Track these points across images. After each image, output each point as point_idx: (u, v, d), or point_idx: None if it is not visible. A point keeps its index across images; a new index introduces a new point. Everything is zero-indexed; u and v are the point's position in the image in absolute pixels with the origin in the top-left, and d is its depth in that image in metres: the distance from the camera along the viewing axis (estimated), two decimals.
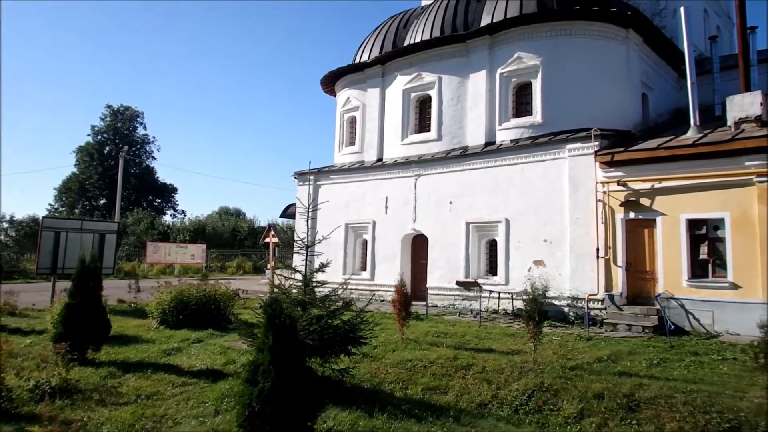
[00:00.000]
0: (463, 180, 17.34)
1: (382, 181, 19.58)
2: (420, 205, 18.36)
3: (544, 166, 15.68)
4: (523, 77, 17.39)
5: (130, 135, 59.16)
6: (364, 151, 21.15)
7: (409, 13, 22.25)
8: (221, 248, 43.71)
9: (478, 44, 18.20)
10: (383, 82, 20.97)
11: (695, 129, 14.48)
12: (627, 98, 17.22)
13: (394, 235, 18.97)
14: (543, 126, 16.61)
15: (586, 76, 16.72)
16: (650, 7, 21.73)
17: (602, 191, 14.47)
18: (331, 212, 20.20)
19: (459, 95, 18.52)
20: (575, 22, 16.98)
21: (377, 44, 21.56)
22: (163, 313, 13.54)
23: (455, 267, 17.16)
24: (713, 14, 25.37)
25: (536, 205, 15.63)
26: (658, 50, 19.29)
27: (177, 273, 31.49)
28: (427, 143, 18.98)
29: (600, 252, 14.23)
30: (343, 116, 22.50)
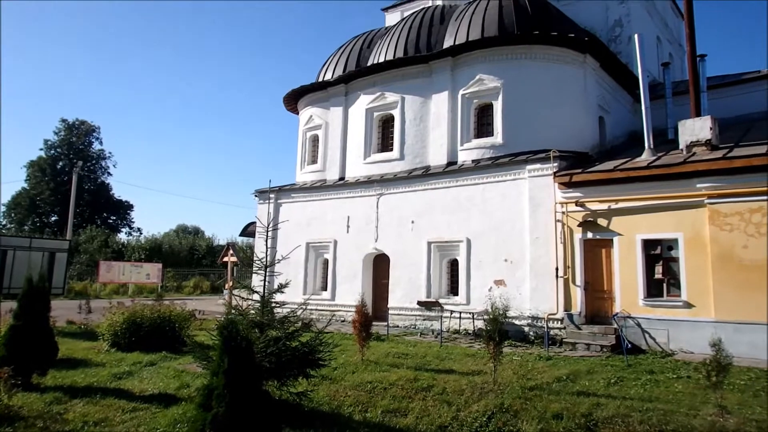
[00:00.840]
0: (425, 199, 17.39)
1: (344, 200, 19.47)
2: (382, 224, 18.30)
3: (504, 186, 15.86)
4: (485, 98, 17.65)
5: (85, 150, 57.49)
6: (326, 170, 21.03)
7: (373, 34, 22.41)
8: (178, 267, 42.63)
9: (440, 65, 18.42)
10: (346, 101, 20.97)
11: (649, 152, 14.91)
12: (585, 121, 17.65)
13: (356, 254, 18.82)
14: (504, 147, 16.85)
15: (546, 98, 17.09)
16: (606, 34, 22.52)
17: (561, 211, 14.70)
18: (292, 231, 19.93)
19: (422, 115, 18.65)
20: (534, 46, 17.38)
21: (341, 63, 21.60)
22: (114, 335, 13.00)
23: (417, 287, 17.10)
24: (666, 42, 26.46)
25: (497, 224, 15.76)
26: (614, 75, 19.91)
27: (131, 293, 30.52)
28: (389, 162, 19.00)
29: (559, 271, 14.40)
30: (305, 134, 22.37)
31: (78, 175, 35.69)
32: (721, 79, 20.05)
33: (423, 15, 20.53)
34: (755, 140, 14.08)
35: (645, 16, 24.16)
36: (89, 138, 58.38)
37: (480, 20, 18.22)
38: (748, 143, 13.85)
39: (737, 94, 19.31)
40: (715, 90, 18.97)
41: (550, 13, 18.85)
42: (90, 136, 58.40)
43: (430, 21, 20.02)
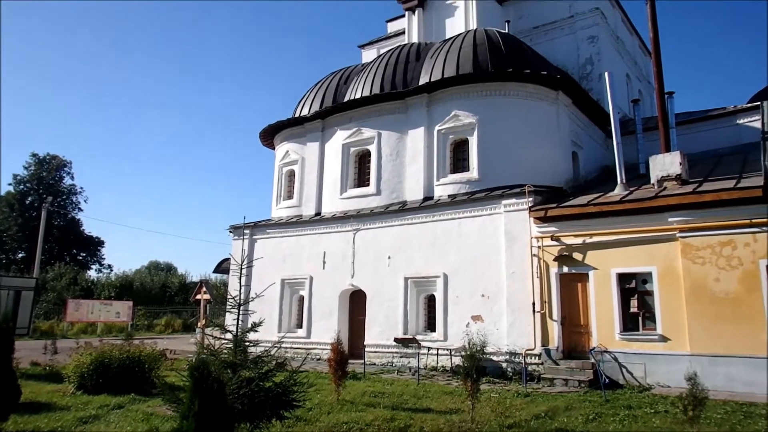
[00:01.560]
0: (402, 235, 17.35)
1: (320, 236, 19.32)
2: (358, 260, 18.15)
3: (480, 221, 15.92)
4: (460, 134, 17.85)
5: (56, 185, 56.45)
6: (302, 205, 20.90)
7: (350, 70, 22.66)
8: (149, 305, 41.61)
9: (416, 102, 18.64)
10: (323, 137, 21.03)
11: (622, 186, 15.16)
12: (558, 156, 17.93)
13: (332, 290, 18.58)
14: (479, 182, 16.98)
15: (520, 134, 17.36)
16: (578, 71, 23.15)
17: (537, 246, 14.76)
18: (268, 267, 19.66)
19: (398, 150, 18.75)
20: (508, 83, 17.74)
21: (318, 99, 21.72)
22: (81, 376, 12.47)
23: (393, 323, 16.89)
24: (635, 79, 27.32)
25: (473, 259, 15.75)
26: (586, 111, 20.38)
27: (99, 332, 29.59)
28: (366, 197, 18.98)
29: (536, 306, 14.37)
30: (281, 170, 22.30)
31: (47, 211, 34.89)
32: (689, 116, 20.66)
33: (399, 52, 20.85)
34: (723, 174, 14.44)
35: (614, 55, 24.96)
36: (60, 173, 57.42)
37: (455, 58, 18.57)
38: (716, 177, 14.18)
39: (705, 129, 19.88)
40: (684, 126, 19.53)
41: (524, 51, 19.32)
42: (61, 170, 57.45)
43: (406, 58, 20.33)
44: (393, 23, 29.19)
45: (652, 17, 16.84)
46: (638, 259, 13.42)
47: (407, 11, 25.54)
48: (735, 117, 19.62)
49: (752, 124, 18.62)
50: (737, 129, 19.36)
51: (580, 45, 23.66)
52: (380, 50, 26.91)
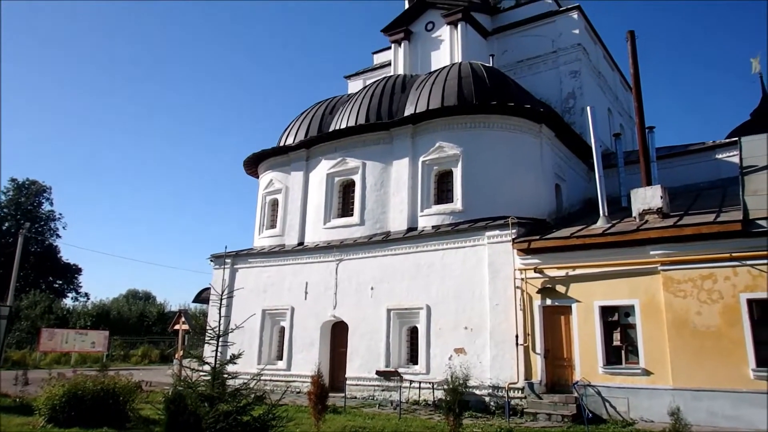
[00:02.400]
0: (385, 265, 17.22)
1: (303, 266, 19.11)
2: (341, 290, 17.94)
3: (464, 253, 15.87)
4: (445, 165, 17.92)
5: (34, 211, 55.43)
6: (285, 235, 20.70)
7: (336, 100, 22.77)
8: (126, 335, 40.66)
9: (401, 132, 18.73)
10: (307, 166, 20.98)
11: (604, 219, 15.26)
12: (542, 188, 18.06)
13: (313, 321, 18.30)
14: (463, 213, 16.99)
15: (504, 166, 17.48)
16: (561, 105, 23.53)
17: (520, 278, 14.72)
18: (248, 297, 19.37)
19: (382, 181, 18.75)
20: (493, 115, 17.92)
21: (303, 128, 21.74)
22: (52, 409, 11.99)
23: (375, 356, 16.62)
24: (617, 113, 27.84)
25: (457, 291, 15.65)
26: (569, 144, 20.65)
27: (73, 363, 28.76)
28: (349, 228, 18.87)
29: (519, 339, 14.25)
30: (265, 198, 22.16)
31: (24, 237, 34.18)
32: (670, 150, 21.00)
33: (385, 83, 21.04)
34: (703, 208, 14.61)
35: (596, 90, 25.45)
36: (39, 198, 56.54)
37: (440, 90, 18.77)
38: (697, 211, 14.34)
39: (685, 164, 20.20)
40: (665, 160, 19.82)
41: (508, 85, 19.60)
42: (40, 196, 56.58)
43: (392, 89, 20.51)
44: (379, 55, 29.60)
45: (633, 54, 17.24)
46: (621, 292, 13.43)
47: (394, 43, 25.93)
48: (714, 152, 19.99)
49: (731, 159, 18.94)
50: (716, 163, 19.70)
51: (563, 79, 24.11)
52: (366, 81, 27.17)
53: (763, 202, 12.83)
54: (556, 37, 24.82)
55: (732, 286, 12.12)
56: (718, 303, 12.18)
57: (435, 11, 25.18)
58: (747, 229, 12.09)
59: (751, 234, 12.06)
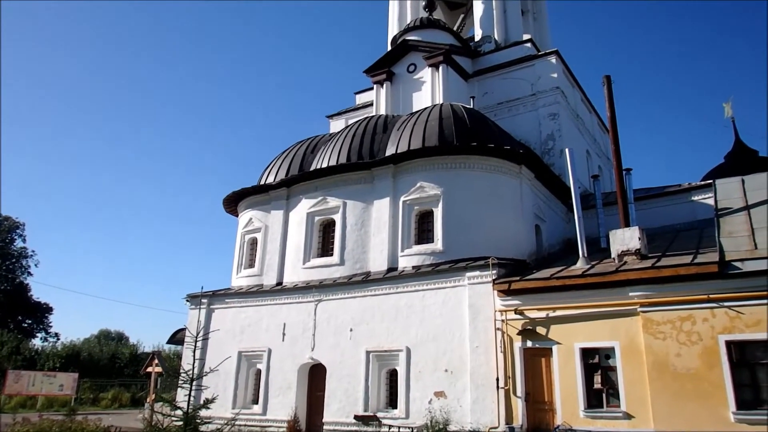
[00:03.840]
0: (365, 306, 16.96)
1: (281, 306, 18.74)
2: (319, 332, 17.56)
3: (444, 294, 15.72)
4: (425, 205, 17.90)
5: (6, 247, 54.12)
6: (263, 274, 20.36)
7: (317, 139, 22.82)
8: (97, 377, 39.22)
9: (382, 172, 18.74)
10: (288, 205, 20.82)
11: (584, 260, 15.27)
12: (522, 228, 18.09)
13: (291, 364, 17.83)
14: (444, 253, 16.89)
15: (484, 206, 17.52)
16: (540, 146, 23.86)
17: (501, 319, 14.57)
18: (225, 339, 18.91)
19: (363, 220, 18.64)
20: (473, 156, 18.05)
21: (284, 167, 21.67)
22: None
23: (354, 399, 16.18)
24: (595, 155, 28.28)
25: (437, 333, 15.42)
26: (548, 185, 20.83)
27: (39, 407, 27.62)
28: (329, 267, 18.64)
29: (500, 382, 14.00)
30: (243, 237, 21.88)
31: None
32: (647, 192, 21.29)
33: (367, 123, 21.17)
34: (681, 250, 14.70)
35: (575, 132, 25.91)
36: (11, 235, 55.31)
37: (421, 130, 18.91)
38: (674, 253, 14.41)
39: (662, 205, 20.45)
40: (642, 201, 20.05)
41: (488, 126, 19.84)
42: (13, 233, 55.37)
43: (374, 129, 20.63)
44: (361, 95, 29.96)
45: (609, 98, 17.56)
46: (601, 334, 13.32)
47: (376, 84, 26.27)
48: (690, 194, 20.30)
49: (706, 201, 19.23)
50: (692, 205, 19.98)
51: (542, 121, 24.51)
52: (348, 121, 27.39)
53: (738, 244, 12.97)
54: (535, 80, 25.36)
55: (710, 328, 12.07)
56: (697, 345, 12.11)
57: (417, 54, 25.65)
58: (723, 270, 12.14)
59: (728, 275, 12.11)
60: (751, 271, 11.95)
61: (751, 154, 27.64)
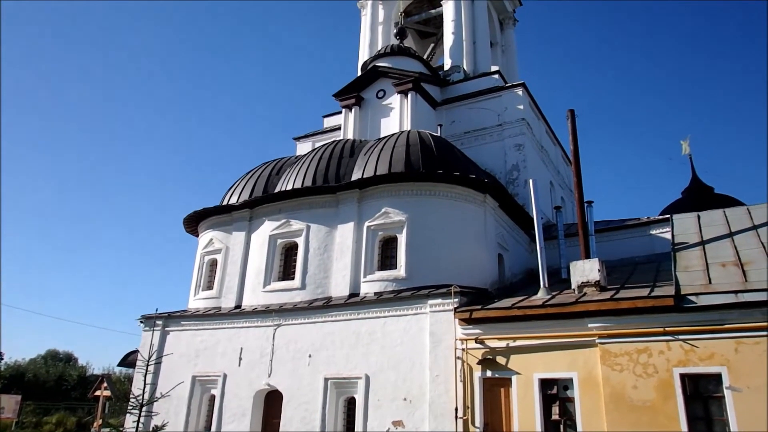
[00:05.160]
0: (325, 332, 16.65)
1: (239, 330, 18.27)
2: (277, 358, 17.13)
3: (406, 321, 15.55)
4: (390, 231, 17.79)
5: None
6: (222, 297, 19.85)
7: (283, 161, 22.62)
8: (41, 400, 37.50)
9: (347, 197, 18.61)
10: (250, 226, 20.47)
11: (545, 290, 15.32)
12: (485, 257, 18.11)
13: (247, 390, 17.31)
14: (406, 280, 16.76)
15: (448, 234, 17.51)
16: (505, 176, 24.11)
17: (461, 348, 14.44)
18: (179, 363, 18.30)
19: (326, 245, 18.42)
20: (439, 184, 18.06)
21: (248, 188, 21.37)
22: None
23: (311, 427, 15.72)
24: (558, 186, 28.72)
25: (397, 361, 15.20)
26: (512, 215, 20.99)
27: None
28: (290, 292, 18.28)
29: (459, 412, 13.81)
30: (203, 258, 21.37)
31: None
32: (607, 224, 21.60)
33: (334, 147, 21.08)
34: (639, 282, 14.89)
35: (539, 163, 26.30)
36: None
37: (388, 156, 18.90)
38: (632, 285, 14.59)
39: (621, 238, 20.76)
40: (602, 233, 20.31)
41: (454, 154, 19.95)
42: None
43: (340, 153, 20.54)
44: (329, 118, 29.94)
45: (573, 131, 17.86)
46: (560, 365, 13.30)
47: (344, 108, 26.29)
48: (648, 228, 20.69)
49: (664, 235, 19.62)
50: (651, 239, 20.35)
51: (507, 152, 24.81)
52: (315, 144, 27.27)
53: (693, 278, 13.20)
54: (502, 111, 25.74)
55: (666, 361, 12.16)
56: (653, 377, 12.17)
57: (387, 80, 25.83)
58: (679, 304, 12.30)
59: (683, 309, 12.26)
60: (705, 305, 12.14)
61: (708, 190, 28.50)
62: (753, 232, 15.27)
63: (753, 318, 11.67)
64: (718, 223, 16.48)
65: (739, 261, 13.61)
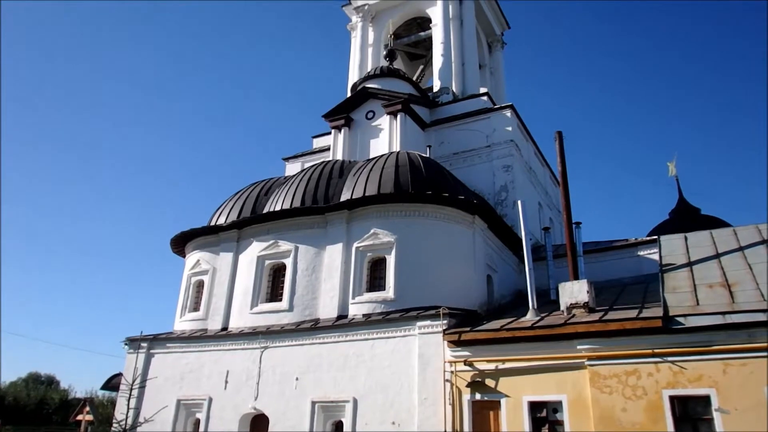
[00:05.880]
0: (312, 354, 16.45)
1: (225, 352, 18.01)
2: (263, 380, 16.87)
3: (394, 343, 15.40)
4: (378, 252, 17.70)
5: None
6: (208, 318, 19.58)
7: (272, 182, 22.56)
8: (22, 424, 36.66)
9: (336, 217, 18.54)
10: (238, 247, 20.30)
11: (533, 312, 15.25)
12: (473, 278, 18.05)
13: (232, 414, 17.00)
14: (395, 302, 16.65)
15: (437, 255, 17.46)
16: (494, 197, 24.17)
17: (450, 371, 14.31)
18: (163, 386, 17.99)
19: (314, 266, 18.29)
20: (428, 205, 18.06)
21: (236, 208, 21.24)
22: None
23: None
24: (546, 207, 28.82)
25: (385, 383, 15.02)
26: (501, 236, 20.98)
27: None
28: (277, 313, 18.08)
29: None
30: (190, 279, 21.13)
31: None
32: (596, 245, 21.66)
33: (323, 168, 21.05)
34: (627, 303, 14.89)
35: (528, 184, 26.41)
36: None
37: (377, 177, 18.90)
38: (621, 306, 14.56)
39: (610, 259, 20.82)
40: (591, 255, 20.34)
41: (443, 175, 19.99)
42: None
43: (329, 174, 20.51)
44: (319, 139, 30.01)
45: (561, 153, 17.97)
46: (549, 387, 13.20)
47: (334, 129, 26.35)
48: (636, 249, 20.78)
49: (652, 256, 19.69)
50: (639, 260, 20.43)
51: (496, 173, 24.91)
52: (305, 164, 27.25)
53: (681, 300, 13.22)
54: (491, 132, 25.90)
55: (655, 383, 12.11)
56: (642, 399, 12.10)
57: (376, 101, 25.94)
58: (667, 325, 12.31)
59: (671, 330, 12.27)
60: (693, 326, 12.15)
61: (694, 211, 28.78)
62: (740, 254, 15.37)
63: (740, 339, 11.70)
64: (705, 245, 16.57)
65: (726, 282, 13.66)
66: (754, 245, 15.62)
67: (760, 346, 11.43)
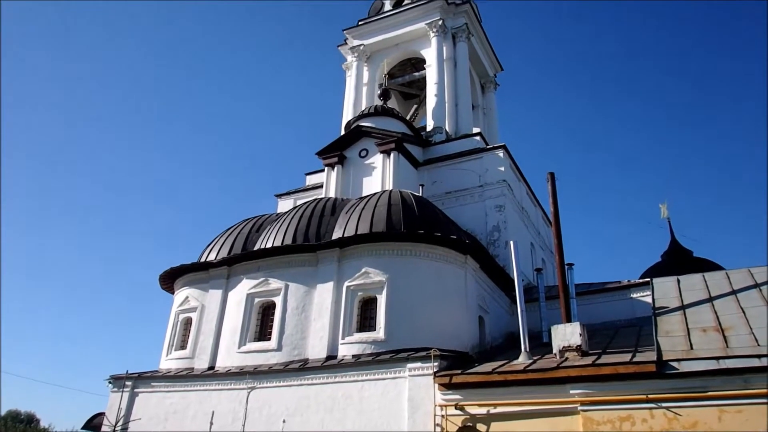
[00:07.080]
0: (300, 396, 16.04)
1: (211, 393, 17.55)
2: (249, 422, 16.37)
3: (384, 385, 15.07)
4: (369, 292, 17.50)
5: None
6: (195, 357, 19.16)
7: (264, 218, 22.46)
8: None
9: (327, 256, 18.38)
10: (227, 284, 20.04)
11: (526, 355, 14.99)
12: (465, 320, 17.83)
13: None
14: (385, 342, 16.37)
15: (429, 295, 17.28)
16: (486, 237, 24.10)
17: (441, 415, 13.95)
18: (147, 426, 17.48)
19: (304, 304, 18.03)
20: (420, 244, 17.96)
21: (227, 245, 21.06)
22: None
23: None
24: (539, 248, 28.76)
25: (374, 427, 14.60)
26: (493, 276, 20.85)
27: None
28: (265, 353, 17.72)
29: None
30: (178, 316, 20.76)
31: None
32: (588, 287, 21.52)
33: (315, 205, 21.00)
34: (620, 347, 14.70)
35: (520, 224, 26.41)
36: None
37: (369, 215, 18.84)
38: (614, 350, 14.37)
39: (602, 301, 20.68)
40: (583, 297, 20.17)
41: (436, 214, 19.97)
42: None
43: (322, 212, 20.44)
44: (311, 176, 30.08)
45: (553, 194, 17.99)
46: None
47: (327, 166, 26.45)
48: (629, 291, 20.64)
49: (644, 299, 19.57)
50: (631, 302, 20.29)
51: (488, 212, 24.93)
52: (297, 201, 27.24)
53: (675, 344, 13.05)
54: (483, 172, 26.03)
55: (649, 429, 11.82)
56: None
57: (369, 139, 26.13)
58: (661, 370, 12.09)
59: (665, 375, 12.05)
60: (687, 371, 11.94)
61: (687, 254, 28.81)
62: (732, 297, 15.30)
63: (736, 385, 11.48)
64: (697, 288, 16.50)
65: (720, 327, 13.53)
66: (747, 289, 15.59)
67: (756, 392, 11.23)
